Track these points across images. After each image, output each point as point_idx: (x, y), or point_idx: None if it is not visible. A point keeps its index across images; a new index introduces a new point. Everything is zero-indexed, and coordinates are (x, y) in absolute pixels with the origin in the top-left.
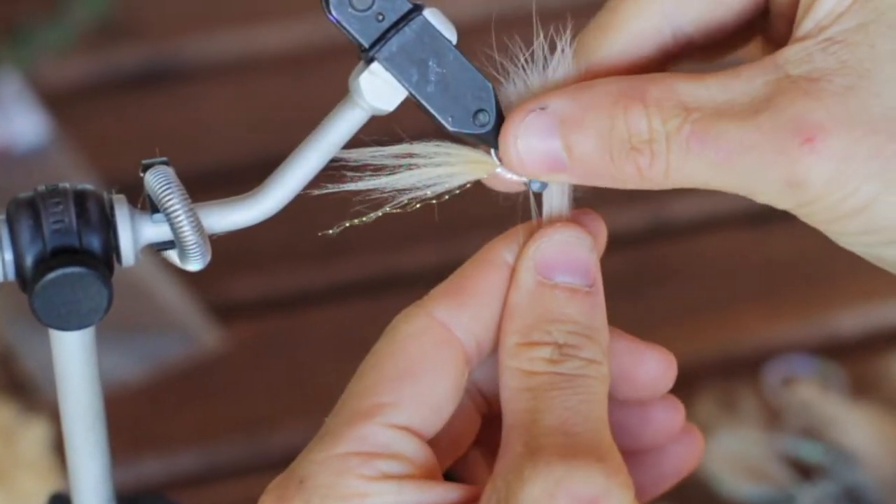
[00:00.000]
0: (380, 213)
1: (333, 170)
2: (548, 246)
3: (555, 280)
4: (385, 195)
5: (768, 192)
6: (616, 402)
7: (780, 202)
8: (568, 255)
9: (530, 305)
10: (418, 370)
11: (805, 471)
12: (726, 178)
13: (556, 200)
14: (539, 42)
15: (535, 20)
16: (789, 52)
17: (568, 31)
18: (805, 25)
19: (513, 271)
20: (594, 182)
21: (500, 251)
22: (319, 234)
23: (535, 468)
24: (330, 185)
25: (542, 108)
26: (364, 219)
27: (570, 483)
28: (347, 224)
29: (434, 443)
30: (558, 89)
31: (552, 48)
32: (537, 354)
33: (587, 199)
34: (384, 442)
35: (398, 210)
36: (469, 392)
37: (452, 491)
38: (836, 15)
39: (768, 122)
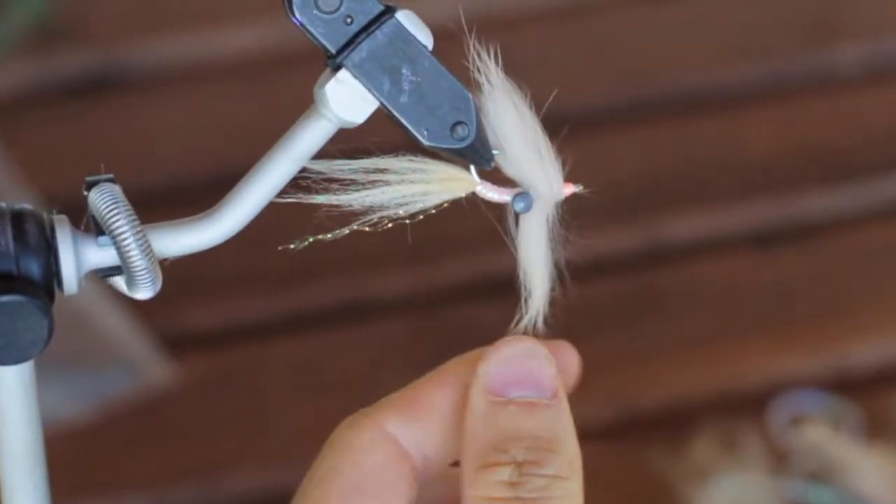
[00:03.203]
0: (346, 231)
1: (298, 183)
2: (496, 364)
3: (509, 396)
4: (353, 212)
5: None
6: None
7: None
8: (520, 369)
9: (486, 428)
10: (369, 487)
11: None
12: None
13: (535, 230)
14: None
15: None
16: None
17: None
18: None
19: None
20: None
21: (457, 368)
22: (280, 247)
23: None
24: (292, 194)
25: None
26: (329, 235)
27: None
28: (311, 239)
29: None
30: None
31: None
32: (495, 478)
33: (572, 221)
34: None
35: (367, 228)
36: None
37: None
38: None
39: None
